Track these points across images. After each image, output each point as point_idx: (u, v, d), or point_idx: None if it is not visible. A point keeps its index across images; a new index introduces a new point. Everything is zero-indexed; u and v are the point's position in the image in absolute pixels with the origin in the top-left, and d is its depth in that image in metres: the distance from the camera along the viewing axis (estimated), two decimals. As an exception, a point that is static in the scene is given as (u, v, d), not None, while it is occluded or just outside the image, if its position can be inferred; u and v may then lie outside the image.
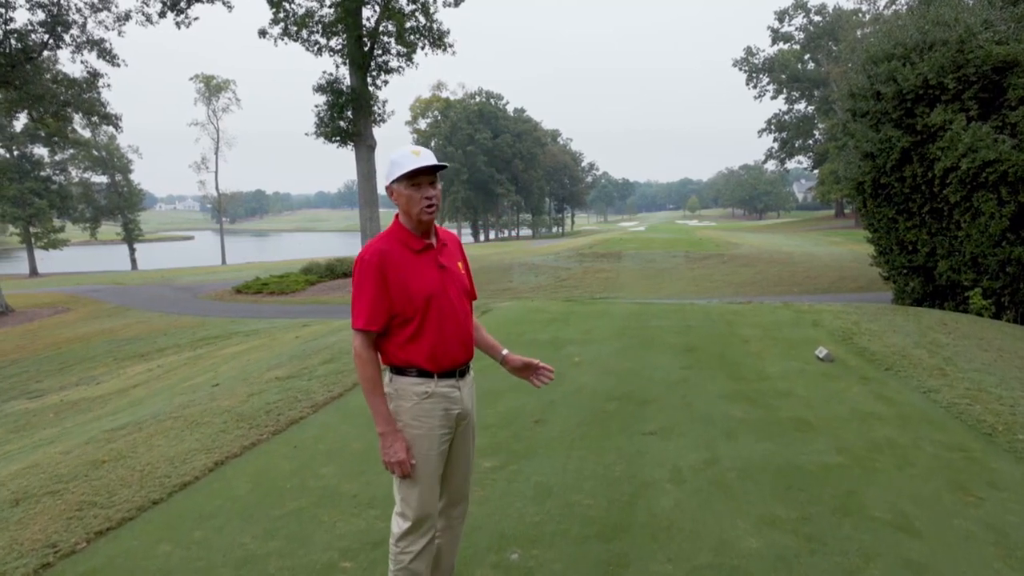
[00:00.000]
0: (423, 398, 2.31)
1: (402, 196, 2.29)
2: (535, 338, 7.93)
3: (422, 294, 2.27)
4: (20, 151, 47.49)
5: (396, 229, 2.36)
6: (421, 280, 2.29)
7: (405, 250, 2.31)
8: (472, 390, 2.50)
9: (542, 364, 2.60)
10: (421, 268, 2.31)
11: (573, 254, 26.15)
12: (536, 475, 3.95)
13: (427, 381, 2.32)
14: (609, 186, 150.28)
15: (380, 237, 2.35)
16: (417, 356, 2.30)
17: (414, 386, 2.31)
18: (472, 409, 2.48)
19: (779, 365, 6.25)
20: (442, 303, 2.32)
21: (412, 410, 2.31)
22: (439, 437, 2.34)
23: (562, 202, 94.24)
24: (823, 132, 49.09)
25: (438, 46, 22.80)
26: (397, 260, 2.28)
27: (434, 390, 2.32)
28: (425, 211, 2.29)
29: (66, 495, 4.03)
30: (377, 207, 23.87)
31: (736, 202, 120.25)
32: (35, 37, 20.65)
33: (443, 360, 2.33)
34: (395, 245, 2.31)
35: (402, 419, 2.32)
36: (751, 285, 18.18)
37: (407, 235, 2.34)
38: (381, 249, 2.28)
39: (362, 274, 2.27)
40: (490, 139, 69.18)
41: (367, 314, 2.26)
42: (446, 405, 2.35)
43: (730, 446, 4.25)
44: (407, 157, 2.26)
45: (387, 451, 2.27)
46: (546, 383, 2.61)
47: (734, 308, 9.75)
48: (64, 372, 14.02)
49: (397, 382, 2.34)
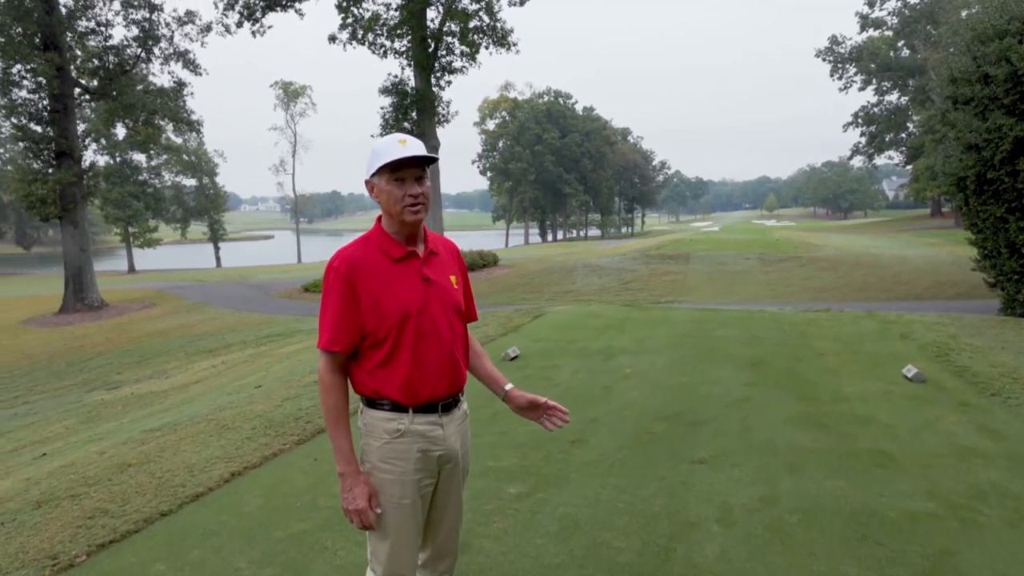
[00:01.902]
0: (394, 436, 1.94)
1: (382, 193, 1.92)
2: (586, 347, 7.48)
3: (397, 311, 1.90)
4: (122, 157, 50.70)
5: (375, 233, 2.00)
6: (398, 294, 1.92)
7: (383, 257, 1.95)
8: (462, 427, 2.10)
9: (553, 404, 2.14)
10: (400, 280, 1.94)
11: (639, 255, 25.36)
12: (564, 506, 3.53)
13: (400, 416, 1.94)
14: (681, 185, 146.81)
15: (356, 241, 1.99)
16: (388, 386, 1.93)
17: (385, 422, 1.95)
18: (461, 450, 2.08)
19: (859, 385, 5.56)
20: (422, 323, 1.93)
21: (381, 450, 1.95)
22: (414, 483, 1.96)
23: (632, 202, 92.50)
24: (918, 124, 45.82)
25: (502, 45, 22.63)
26: (371, 269, 1.92)
27: (408, 427, 1.94)
28: (409, 211, 1.91)
29: (85, 500, 3.92)
30: (440, 208, 23.91)
31: (818, 201, 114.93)
32: (130, 51, 21.80)
33: (420, 391, 1.94)
34: (371, 251, 1.95)
35: (369, 460, 1.96)
36: (831, 290, 16.99)
37: (387, 240, 1.97)
38: (352, 256, 1.93)
39: (329, 285, 1.93)
40: (558, 138, 68.60)
41: (330, 332, 1.91)
42: (424, 446, 1.96)
43: (793, 482, 3.69)
44: (391, 146, 1.89)
45: (345, 496, 1.91)
46: (559, 426, 2.15)
47: (809, 317, 8.96)
48: (141, 365, 14.55)
49: (367, 415, 1.98)
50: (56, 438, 7.44)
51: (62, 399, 10.85)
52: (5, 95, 19.37)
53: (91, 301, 21.01)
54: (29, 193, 18.99)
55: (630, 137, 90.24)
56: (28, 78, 19.48)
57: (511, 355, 7.09)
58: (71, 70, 20.46)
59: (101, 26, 20.92)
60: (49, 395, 11.56)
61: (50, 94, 19.63)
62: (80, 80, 21.09)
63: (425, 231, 2.04)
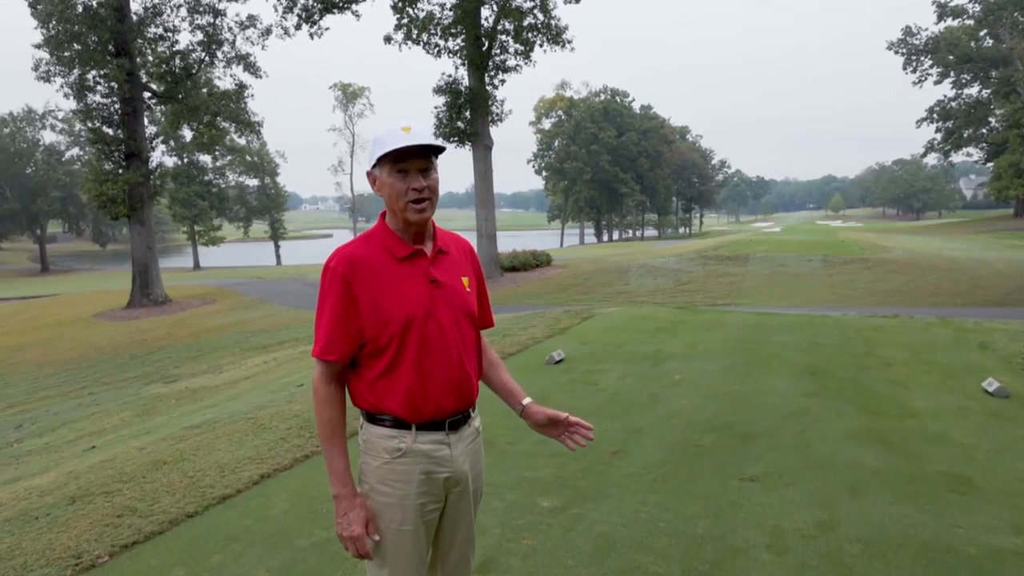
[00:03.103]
0: (395, 456, 1.75)
1: (384, 185, 1.73)
2: (634, 351, 7.18)
3: (400, 316, 1.71)
4: (189, 158, 52.86)
5: (379, 230, 1.82)
6: (402, 297, 1.73)
7: (386, 257, 1.76)
8: (473, 446, 1.89)
9: (575, 420, 1.92)
10: (404, 281, 1.75)
11: (696, 256, 24.68)
12: (601, 523, 3.29)
13: (402, 434, 1.75)
14: (742, 184, 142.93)
15: (358, 239, 1.82)
16: (389, 400, 1.74)
17: (385, 439, 1.76)
18: (471, 472, 1.88)
19: (931, 399, 5.10)
20: (428, 330, 1.74)
21: (380, 471, 1.76)
22: (417, 508, 1.77)
23: (690, 201, 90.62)
24: (1001, 119, 43.07)
25: (556, 43, 22.39)
26: (372, 270, 1.73)
27: (411, 446, 1.75)
28: (412, 207, 1.72)
29: (116, 497, 3.91)
30: (493, 207, 23.85)
31: (888, 201, 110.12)
32: (194, 56, 22.56)
33: (424, 407, 1.75)
34: (374, 250, 1.77)
35: (367, 481, 1.77)
36: (901, 295, 16.06)
37: (391, 238, 1.78)
38: (351, 255, 1.74)
39: (325, 287, 1.75)
40: (614, 137, 67.73)
41: (325, 340, 1.73)
42: (428, 467, 1.77)
43: (855, 506, 3.35)
44: (393, 134, 1.69)
45: (339, 521, 1.74)
46: (583, 445, 1.93)
47: (875, 323, 8.40)
48: (198, 360, 14.96)
49: (368, 431, 1.79)
50: (110, 430, 7.62)
51: (122, 391, 11.20)
52: (81, 100, 20.28)
53: (156, 296, 21.80)
54: (101, 193, 19.83)
55: (689, 136, 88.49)
56: (101, 83, 20.35)
57: (556, 358, 6.87)
58: (140, 75, 21.28)
59: (168, 32, 21.69)
60: (111, 387, 11.97)
61: (121, 98, 20.45)
62: (149, 84, 21.92)
63: (434, 227, 1.85)
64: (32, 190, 59.05)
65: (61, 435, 8.07)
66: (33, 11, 19.51)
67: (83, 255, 75.84)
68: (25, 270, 62.52)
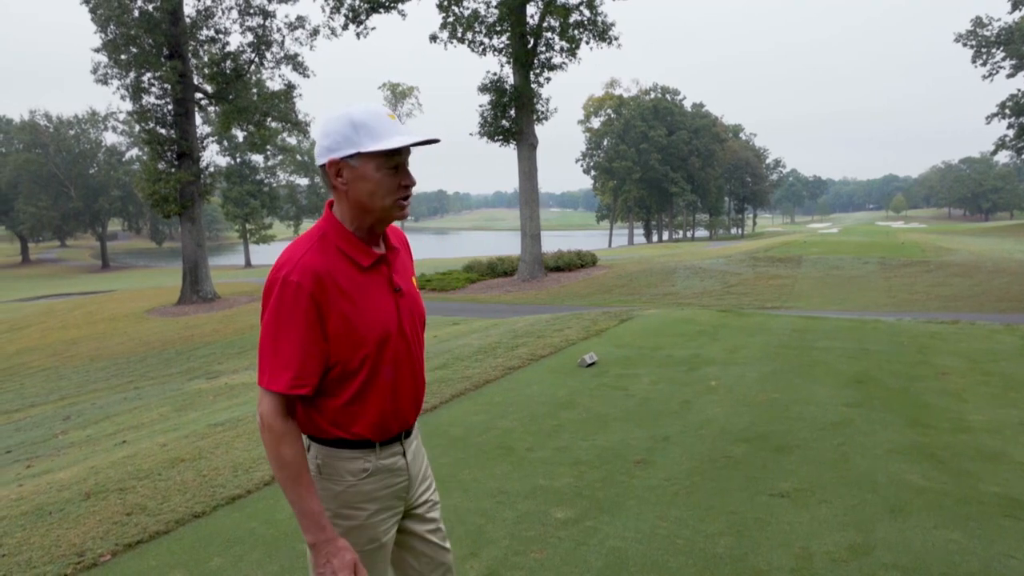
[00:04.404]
0: (360, 477, 1.61)
1: (366, 180, 1.53)
2: (671, 355, 6.91)
3: (374, 335, 1.56)
4: (241, 158, 54.41)
5: (333, 231, 1.58)
6: (373, 315, 1.57)
7: (349, 267, 1.56)
8: (417, 445, 1.79)
9: None
10: (371, 296, 1.58)
11: (745, 257, 24.00)
12: (615, 537, 3.09)
13: (366, 454, 1.62)
14: (798, 184, 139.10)
15: (310, 244, 1.56)
16: (358, 424, 1.58)
17: (348, 462, 1.61)
18: (420, 471, 1.78)
19: (988, 412, 4.70)
20: (398, 345, 1.62)
21: (344, 495, 1.61)
22: (381, 523, 1.66)
23: (742, 202, 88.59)
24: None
25: (603, 40, 22.10)
26: (339, 285, 1.53)
27: (375, 465, 1.63)
28: (400, 204, 1.59)
29: (129, 495, 3.90)
30: (537, 206, 23.69)
31: (954, 201, 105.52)
32: (244, 57, 23.11)
33: (393, 425, 1.64)
34: (334, 259, 1.54)
35: (329, 508, 1.59)
36: (964, 300, 15.20)
37: (349, 241, 1.58)
38: (315, 269, 1.51)
39: (287, 305, 1.49)
40: (665, 136, 66.68)
41: (296, 367, 1.49)
42: (389, 480, 1.66)
43: (894, 528, 3.06)
44: (380, 121, 1.52)
45: (321, 572, 1.50)
46: None
47: (933, 329, 7.89)
48: (241, 356, 15.26)
49: (323, 455, 1.61)
50: (147, 425, 7.76)
51: (166, 386, 11.47)
52: (136, 101, 21.01)
53: (205, 293, 22.40)
54: (153, 191, 20.51)
55: (742, 134, 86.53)
56: (155, 85, 21.04)
57: (587, 361, 6.66)
58: (192, 76, 21.90)
59: (220, 33, 22.28)
60: (157, 382, 12.28)
61: (173, 99, 21.10)
62: (200, 85, 22.55)
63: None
64: (94, 189, 61.85)
65: (102, 428, 8.28)
66: (93, 16, 20.30)
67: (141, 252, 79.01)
68: (87, 266, 65.55)
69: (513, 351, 7.39)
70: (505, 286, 22.28)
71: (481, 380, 6.19)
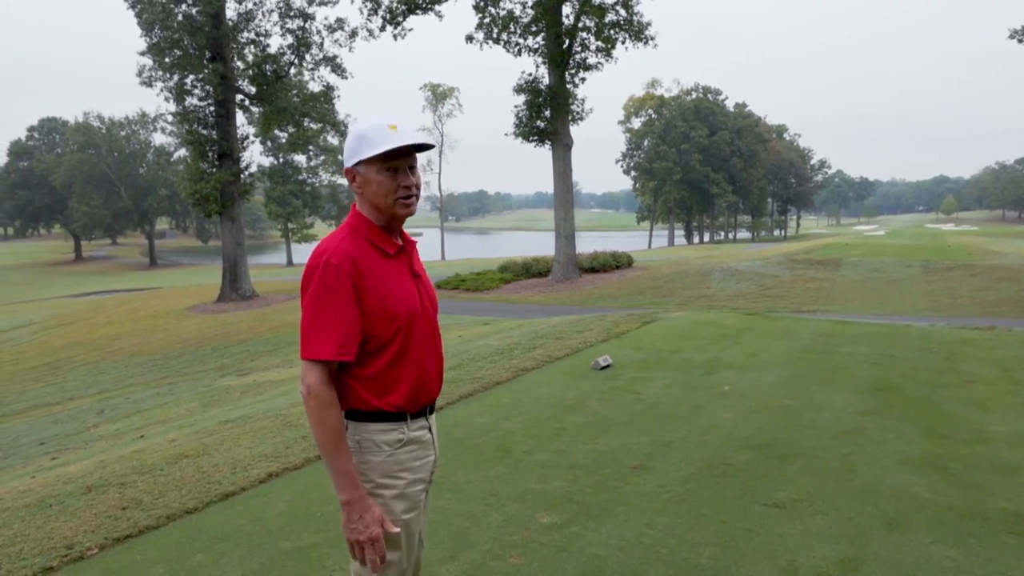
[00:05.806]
0: (397, 447, 1.81)
1: (370, 183, 1.76)
2: (688, 359, 6.77)
3: (404, 311, 1.79)
4: (284, 159, 55.57)
5: (361, 225, 1.82)
6: (400, 291, 1.80)
7: (376, 254, 1.79)
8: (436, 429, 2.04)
9: None
10: (397, 278, 1.82)
11: (784, 260, 23.43)
12: (597, 544, 3.03)
13: (400, 425, 1.82)
14: (844, 185, 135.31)
15: (344, 236, 1.80)
16: (393, 394, 1.79)
17: (384, 433, 1.80)
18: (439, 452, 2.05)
19: (1011, 423, 4.46)
20: (423, 323, 1.86)
21: (384, 465, 1.80)
22: (417, 493, 1.86)
23: (786, 203, 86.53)
24: None
25: (639, 39, 21.84)
26: (370, 267, 1.76)
27: (408, 435, 1.83)
28: (402, 203, 1.79)
29: (128, 489, 3.98)
30: (572, 206, 23.58)
31: (1008, 202, 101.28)
32: (285, 59, 23.58)
33: (422, 396, 1.86)
34: (364, 247, 1.78)
35: (371, 479, 1.79)
36: (1009, 305, 14.55)
37: (377, 234, 1.81)
38: (351, 252, 1.74)
39: (330, 285, 1.70)
40: (706, 136, 65.58)
41: (340, 337, 1.69)
42: (420, 452, 1.87)
43: (889, 542, 2.92)
44: (380, 132, 1.73)
45: (354, 527, 1.70)
46: None
47: (965, 335, 7.55)
48: (273, 354, 15.56)
49: (360, 431, 1.80)
50: (172, 420, 7.96)
51: (198, 382, 11.76)
52: (180, 103, 21.63)
53: (243, 291, 22.91)
54: (195, 191, 21.07)
55: (786, 134, 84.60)
56: (198, 87, 21.62)
57: (601, 364, 6.57)
58: (234, 78, 22.43)
59: (260, 36, 22.75)
60: (190, 378, 12.60)
61: (215, 100, 21.64)
62: (241, 87, 23.08)
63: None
64: (144, 189, 63.90)
65: (131, 423, 8.52)
66: (139, 20, 20.96)
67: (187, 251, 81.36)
68: (136, 264, 67.84)
69: (530, 352, 7.34)
70: (539, 287, 22.21)
71: (491, 381, 6.16)
